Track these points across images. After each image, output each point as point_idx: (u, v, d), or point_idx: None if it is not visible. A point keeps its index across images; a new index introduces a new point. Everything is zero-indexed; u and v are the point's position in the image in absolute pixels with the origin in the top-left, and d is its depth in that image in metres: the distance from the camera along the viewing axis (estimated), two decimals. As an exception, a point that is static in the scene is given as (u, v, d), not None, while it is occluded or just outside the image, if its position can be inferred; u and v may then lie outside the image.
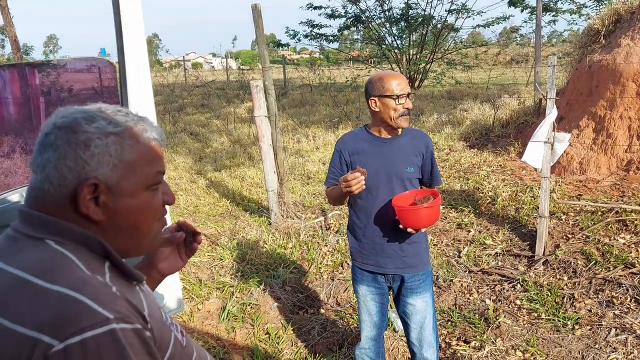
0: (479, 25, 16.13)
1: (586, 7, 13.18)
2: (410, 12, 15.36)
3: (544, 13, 11.59)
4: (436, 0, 15.14)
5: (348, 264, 4.03)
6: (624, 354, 2.81)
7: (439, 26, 15.51)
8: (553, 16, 13.88)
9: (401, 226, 2.08)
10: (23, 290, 0.74)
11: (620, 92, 5.28)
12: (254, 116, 4.91)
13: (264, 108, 4.84)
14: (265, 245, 4.52)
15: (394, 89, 2.10)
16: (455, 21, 15.63)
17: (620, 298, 3.28)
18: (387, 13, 15.47)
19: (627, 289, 3.34)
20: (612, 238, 3.94)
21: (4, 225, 0.91)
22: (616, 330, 3.00)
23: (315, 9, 15.51)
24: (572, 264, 3.73)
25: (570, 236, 4.09)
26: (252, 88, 4.83)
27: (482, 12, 15.01)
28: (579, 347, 2.91)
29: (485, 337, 3.07)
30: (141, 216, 0.89)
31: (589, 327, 3.08)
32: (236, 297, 3.68)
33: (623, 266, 3.57)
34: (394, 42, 16.01)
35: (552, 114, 3.73)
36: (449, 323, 3.29)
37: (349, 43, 21.12)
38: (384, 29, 15.96)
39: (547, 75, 3.76)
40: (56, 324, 0.70)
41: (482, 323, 3.22)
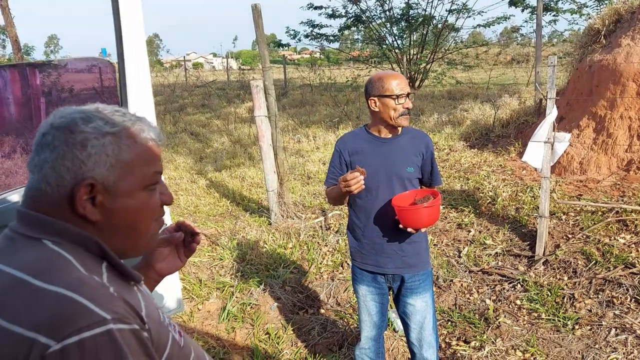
0: (479, 25, 16.15)
1: (587, 7, 13.18)
2: (411, 12, 15.38)
3: (544, 13, 11.59)
4: (437, 0, 15.09)
5: (348, 264, 4.03)
6: (624, 354, 2.81)
7: (439, 26, 15.52)
8: (554, 16, 13.89)
9: (401, 226, 2.07)
10: (20, 291, 0.74)
11: (621, 92, 5.28)
12: (254, 116, 4.91)
13: (264, 108, 4.84)
14: (265, 245, 4.52)
15: (394, 89, 2.10)
16: (455, 21, 15.65)
17: (621, 298, 3.28)
18: (387, 13, 15.48)
19: (627, 289, 3.34)
20: (612, 238, 3.94)
21: (3, 226, 0.91)
22: (616, 330, 3.00)
23: (315, 9, 15.51)
24: (572, 264, 3.72)
25: (570, 236, 4.09)
26: (252, 88, 4.84)
27: (483, 11, 15.03)
28: (579, 347, 2.91)
29: (485, 337, 3.07)
30: (138, 216, 0.89)
31: (589, 327, 3.08)
32: (236, 297, 3.68)
33: (623, 266, 3.56)
34: (395, 42, 16.02)
35: (552, 113, 3.73)
36: (449, 323, 3.29)
37: (350, 43, 21.15)
38: (384, 29, 15.96)
39: (548, 75, 3.75)
40: (53, 325, 0.70)
41: (482, 323, 3.22)
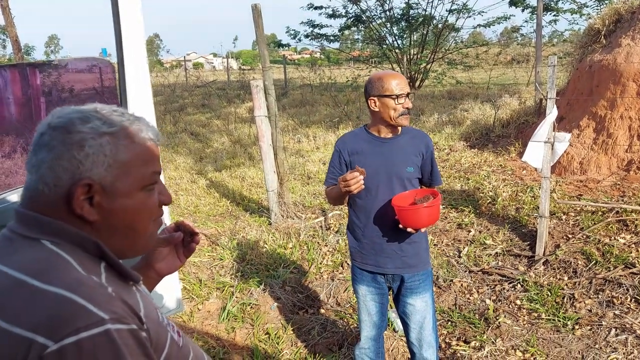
0: (479, 25, 16.16)
1: (587, 7, 13.18)
2: (411, 12, 15.37)
3: (544, 13, 11.59)
4: (437, 0, 15.09)
5: (348, 264, 4.02)
6: (624, 354, 2.80)
7: (439, 26, 15.52)
8: (554, 16, 13.88)
9: (401, 226, 2.07)
10: (19, 291, 0.74)
11: (621, 92, 5.28)
12: (254, 116, 4.91)
13: (264, 108, 4.84)
14: (265, 245, 4.52)
15: (394, 89, 2.10)
16: (456, 21, 15.65)
17: (621, 298, 3.28)
18: (387, 13, 15.48)
19: (627, 289, 3.34)
20: (612, 238, 3.93)
21: (2, 226, 0.91)
22: (616, 331, 3.00)
23: (315, 9, 15.51)
24: (572, 264, 3.72)
25: (570, 236, 4.09)
26: (252, 88, 4.84)
27: (483, 11, 15.03)
28: (579, 347, 2.91)
29: (485, 337, 3.07)
30: (137, 216, 0.89)
31: (589, 327, 3.07)
32: (236, 297, 3.68)
33: (623, 266, 3.56)
34: (395, 42, 16.02)
35: (552, 113, 3.72)
36: (449, 323, 3.29)
37: (350, 43, 21.14)
38: (384, 28, 15.96)
39: (548, 75, 3.75)
40: (51, 325, 0.70)
41: (482, 323, 3.22)
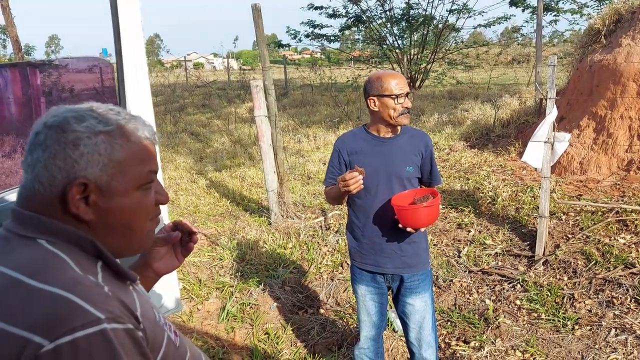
0: (480, 25, 16.16)
1: (587, 7, 13.19)
2: (411, 12, 15.38)
3: (545, 13, 11.59)
4: (437, 0, 15.09)
5: (348, 264, 4.02)
6: (623, 354, 2.80)
7: (440, 26, 15.52)
8: (554, 16, 13.89)
9: (400, 225, 2.07)
10: (16, 291, 0.74)
11: (621, 92, 5.27)
12: (254, 116, 4.91)
13: (264, 108, 4.84)
14: (265, 245, 4.52)
15: (393, 89, 2.09)
16: (456, 21, 15.65)
17: (620, 298, 3.28)
18: (388, 13, 15.48)
19: (627, 289, 3.33)
20: (612, 238, 3.93)
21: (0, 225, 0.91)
22: (616, 331, 2.99)
23: (316, 9, 15.51)
24: (572, 264, 3.72)
25: (570, 236, 4.09)
26: (252, 88, 4.83)
27: (484, 12, 15.03)
28: (579, 348, 2.90)
29: (484, 337, 3.07)
30: (133, 216, 0.88)
31: (588, 328, 3.07)
32: (236, 297, 3.68)
33: (623, 266, 3.56)
34: (395, 42, 16.02)
35: (552, 113, 3.72)
36: (449, 323, 3.29)
37: (350, 43, 21.14)
38: (385, 29, 15.96)
39: (548, 75, 3.75)
40: (47, 324, 0.69)
41: (482, 323, 3.22)
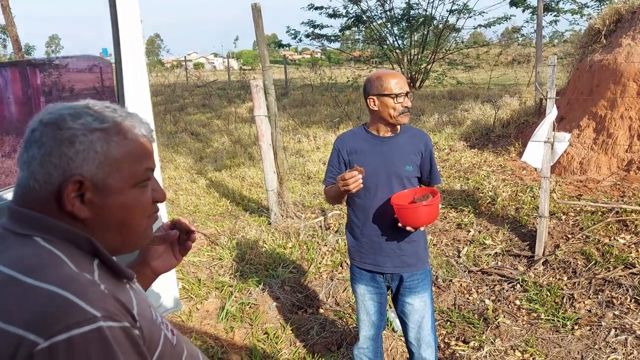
0: (480, 26, 16.17)
1: (587, 7, 13.18)
2: (412, 12, 15.38)
3: (545, 13, 11.58)
4: (437, 0, 15.09)
5: (347, 263, 4.02)
6: (623, 354, 2.80)
7: (440, 26, 15.52)
8: (555, 16, 13.88)
9: (400, 224, 2.07)
10: (11, 288, 0.74)
11: (621, 92, 5.27)
12: (254, 116, 4.91)
13: (263, 107, 4.84)
14: (264, 245, 4.52)
15: (393, 88, 2.09)
16: (456, 21, 15.66)
17: (620, 298, 3.27)
18: (388, 13, 15.48)
19: (627, 289, 3.33)
20: (612, 238, 3.92)
21: None
22: (616, 331, 2.99)
23: (316, 9, 15.51)
24: (571, 264, 3.71)
25: (570, 236, 4.08)
26: (252, 87, 4.83)
27: (484, 12, 15.03)
28: (579, 348, 2.90)
29: (484, 337, 3.06)
30: (129, 213, 0.88)
31: (588, 328, 3.07)
32: (235, 297, 3.67)
33: (623, 266, 3.55)
34: (395, 42, 16.02)
35: (552, 113, 3.72)
36: (448, 323, 3.28)
37: (351, 43, 21.15)
38: (385, 29, 15.96)
39: (547, 75, 3.75)
40: (42, 322, 0.69)
41: (481, 323, 3.21)
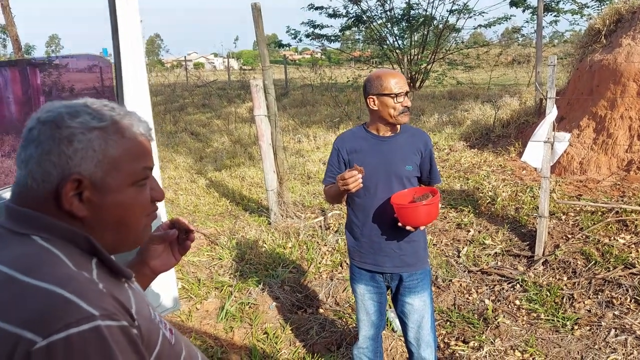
0: (480, 26, 16.15)
1: (588, 7, 13.18)
2: (412, 12, 15.37)
3: (545, 13, 11.58)
4: (437, 0, 15.09)
5: (347, 263, 4.01)
6: (623, 354, 2.79)
7: (440, 26, 15.51)
8: (555, 16, 13.87)
9: (400, 224, 2.07)
10: (8, 287, 0.73)
11: (621, 92, 5.26)
12: (254, 115, 4.90)
13: (263, 107, 4.84)
14: (264, 244, 4.52)
15: (392, 88, 2.09)
16: (456, 21, 15.65)
17: (620, 298, 3.27)
18: (388, 13, 15.47)
19: (627, 290, 3.33)
20: (612, 238, 3.92)
21: None
22: (616, 331, 2.98)
23: (316, 9, 15.51)
24: (571, 264, 3.71)
25: (570, 236, 4.08)
26: (251, 87, 4.83)
27: (484, 12, 15.02)
28: (578, 348, 2.90)
29: (484, 337, 3.06)
30: (127, 212, 0.87)
31: (588, 328, 3.06)
32: (235, 297, 3.67)
33: (623, 266, 3.55)
34: (396, 42, 16.02)
35: (552, 113, 3.71)
36: (448, 323, 3.28)
37: (351, 43, 21.15)
38: (385, 29, 15.96)
39: (547, 75, 3.74)
40: (40, 320, 0.69)
41: (481, 323, 3.21)
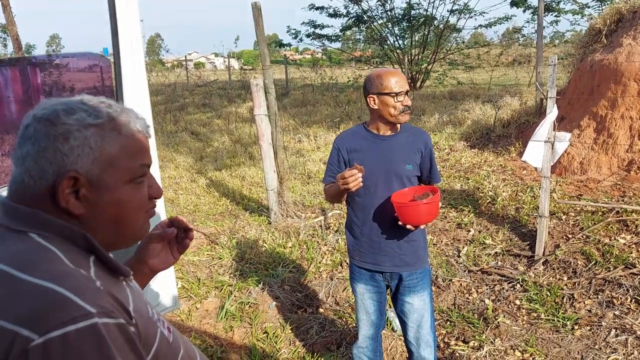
0: (481, 26, 16.15)
1: (588, 7, 13.17)
2: (412, 12, 15.37)
3: (546, 13, 11.57)
4: (438, 0, 15.08)
5: (347, 263, 4.00)
6: (624, 354, 2.79)
7: (441, 26, 15.51)
8: (555, 17, 13.87)
9: (400, 223, 2.06)
10: (5, 284, 0.73)
11: (622, 92, 5.26)
12: (254, 115, 4.90)
13: (264, 107, 4.83)
14: (264, 244, 4.51)
15: (393, 87, 2.08)
16: (457, 21, 15.66)
17: (621, 298, 3.26)
18: (389, 13, 15.47)
19: (627, 290, 3.32)
20: (612, 238, 3.92)
21: None
22: (616, 331, 2.98)
23: (317, 9, 15.51)
24: (572, 264, 3.71)
25: (570, 236, 4.07)
26: (252, 86, 4.83)
27: (485, 12, 15.03)
28: (579, 348, 2.89)
29: (484, 337, 3.06)
30: (124, 209, 0.87)
31: (588, 328, 3.06)
32: (235, 296, 3.67)
33: (623, 266, 3.55)
34: (396, 42, 16.02)
35: (552, 113, 3.71)
36: (448, 323, 3.28)
37: (351, 43, 21.15)
38: (386, 29, 15.96)
39: (548, 74, 3.74)
40: (37, 318, 0.68)
41: (481, 323, 3.21)
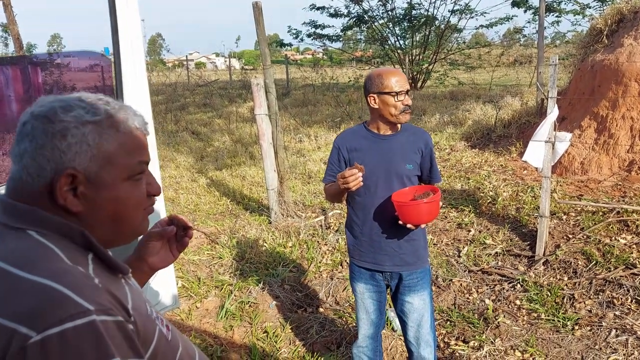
0: (482, 26, 16.17)
1: (589, 8, 13.16)
2: (413, 12, 15.37)
3: (547, 14, 11.57)
4: (439, 0, 15.08)
5: (347, 262, 4.00)
6: (624, 355, 2.78)
7: (442, 27, 15.51)
8: (556, 17, 13.86)
9: (401, 222, 2.06)
10: (4, 282, 0.73)
11: (623, 92, 5.25)
12: (255, 114, 4.90)
13: (264, 106, 4.83)
14: (264, 243, 4.51)
15: (393, 86, 2.08)
16: (458, 22, 15.67)
17: (621, 299, 3.26)
18: (390, 13, 15.47)
19: (627, 290, 3.32)
20: (613, 238, 3.91)
21: None
22: (616, 331, 2.97)
23: (318, 9, 15.51)
24: (572, 264, 3.70)
25: (570, 236, 4.07)
26: (252, 86, 4.83)
27: (486, 12, 15.03)
28: (579, 348, 2.89)
29: (484, 337, 3.05)
30: (122, 207, 0.87)
31: (589, 328, 3.05)
32: (235, 296, 3.67)
33: (624, 267, 3.54)
34: (397, 42, 16.03)
35: (553, 113, 3.71)
36: (448, 323, 3.27)
37: (352, 43, 21.17)
38: (387, 29, 15.96)
39: (549, 74, 3.73)
40: (35, 315, 0.68)
41: (481, 323, 3.20)
